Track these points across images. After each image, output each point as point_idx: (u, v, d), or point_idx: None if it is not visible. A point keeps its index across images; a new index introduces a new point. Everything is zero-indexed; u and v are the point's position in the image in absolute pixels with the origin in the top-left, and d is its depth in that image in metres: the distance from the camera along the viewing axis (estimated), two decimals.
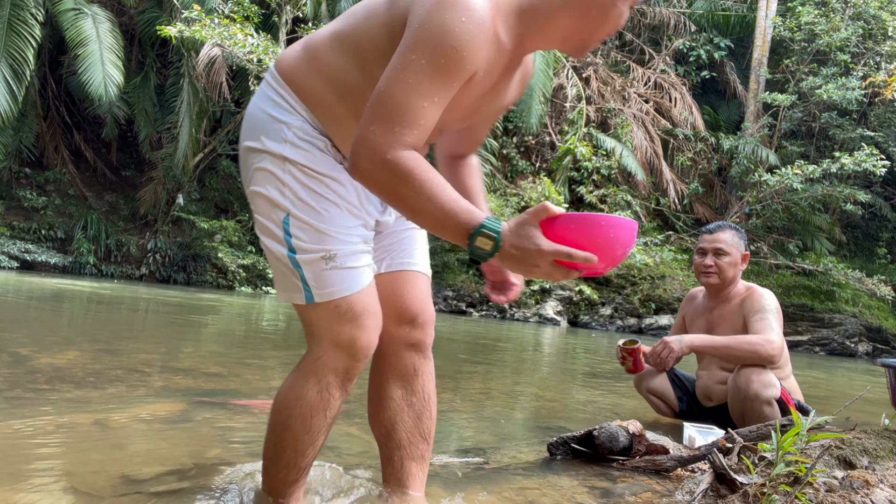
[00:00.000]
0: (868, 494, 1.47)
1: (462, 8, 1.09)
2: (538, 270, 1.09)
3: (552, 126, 16.53)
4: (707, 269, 2.81)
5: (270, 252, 1.29)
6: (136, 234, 14.31)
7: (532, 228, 1.08)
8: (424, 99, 1.09)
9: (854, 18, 15.03)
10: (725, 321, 2.82)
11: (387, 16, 1.19)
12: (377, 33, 1.20)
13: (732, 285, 2.83)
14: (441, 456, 1.89)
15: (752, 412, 2.50)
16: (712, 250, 2.81)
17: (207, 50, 11.77)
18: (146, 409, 2.27)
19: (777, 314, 2.65)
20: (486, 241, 1.09)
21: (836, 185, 13.41)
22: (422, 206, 1.09)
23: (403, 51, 1.10)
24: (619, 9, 1.23)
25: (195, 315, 7.34)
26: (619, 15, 1.24)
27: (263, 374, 3.47)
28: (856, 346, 12.92)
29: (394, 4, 1.19)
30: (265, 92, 1.31)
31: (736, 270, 2.80)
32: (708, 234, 2.86)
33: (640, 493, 1.61)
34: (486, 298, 13.52)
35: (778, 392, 2.52)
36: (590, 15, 1.22)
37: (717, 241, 2.81)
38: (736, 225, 2.92)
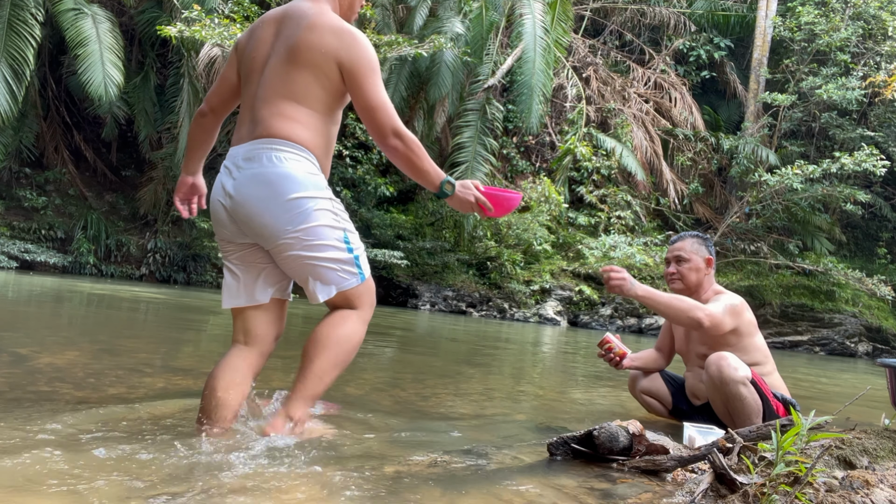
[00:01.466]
0: (868, 494, 1.47)
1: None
2: (468, 205, 2.03)
3: (552, 126, 16.53)
4: (671, 277, 2.94)
5: (331, 260, 1.86)
6: (136, 234, 14.31)
7: (471, 183, 2.03)
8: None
9: (854, 18, 15.03)
10: (698, 332, 2.87)
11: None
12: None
13: (701, 290, 2.90)
14: (441, 456, 1.89)
15: (730, 397, 2.53)
16: (674, 258, 2.94)
17: (207, 50, 11.77)
18: (146, 409, 2.27)
19: (730, 305, 2.72)
20: (449, 186, 1.99)
21: (836, 185, 13.41)
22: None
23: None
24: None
25: (195, 315, 7.34)
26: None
27: (263, 373, 3.46)
28: (856, 346, 12.92)
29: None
30: (289, 153, 1.82)
31: (699, 275, 2.89)
32: (671, 245, 3.00)
33: (640, 494, 1.61)
34: (487, 298, 13.52)
35: (749, 372, 2.56)
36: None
37: (677, 249, 2.93)
38: (699, 233, 3.02)
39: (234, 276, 1.95)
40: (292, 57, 1.83)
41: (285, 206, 1.78)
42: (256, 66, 1.91)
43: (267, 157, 1.80)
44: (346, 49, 1.83)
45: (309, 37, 1.83)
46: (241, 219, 1.83)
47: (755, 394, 2.53)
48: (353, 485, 1.56)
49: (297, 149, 1.82)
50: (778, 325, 13.01)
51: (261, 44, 1.93)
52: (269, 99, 1.84)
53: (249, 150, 1.83)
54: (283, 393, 2.08)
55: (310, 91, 1.84)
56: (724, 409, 2.61)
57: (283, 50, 1.85)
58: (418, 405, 2.83)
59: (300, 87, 1.83)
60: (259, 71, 1.90)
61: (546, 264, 13.90)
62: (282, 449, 1.82)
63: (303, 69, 1.82)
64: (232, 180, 1.84)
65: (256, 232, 1.84)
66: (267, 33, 1.93)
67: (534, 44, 13.70)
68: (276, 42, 1.89)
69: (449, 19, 14.44)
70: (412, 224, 14.26)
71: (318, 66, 1.83)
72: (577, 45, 17.32)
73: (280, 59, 1.85)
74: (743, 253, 14.30)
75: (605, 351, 3.05)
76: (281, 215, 1.79)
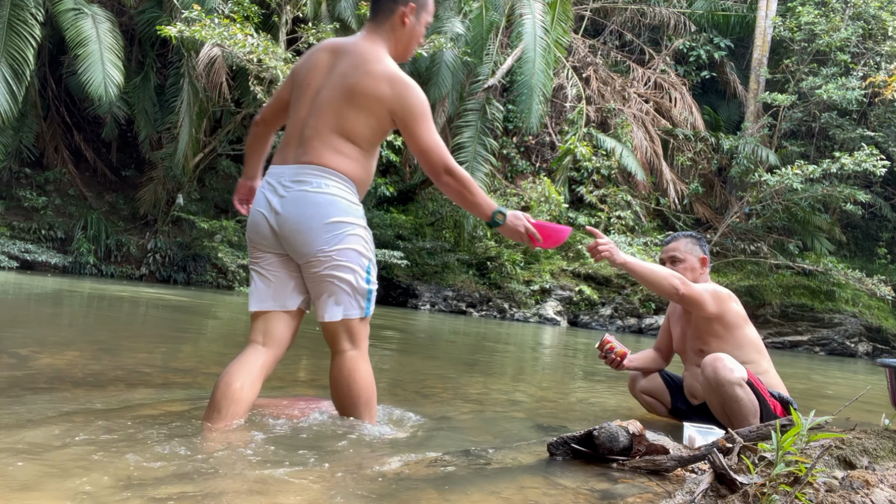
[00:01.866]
0: (868, 494, 1.47)
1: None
2: (518, 235, 2.19)
3: (552, 126, 16.53)
4: None
5: (350, 284, 2.02)
6: (136, 234, 14.31)
7: (522, 214, 2.20)
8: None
9: (854, 18, 15.03)
10: (692, 328, 2.91)
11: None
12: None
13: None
14: (441, 456, 1.89)
15: (727, 399, 2.53)
16: (668, 259, 2.96)
17: (207, 50, 11.77)
18: (147, 409, 2.27)
19: (714, 290, 2.77)
20: (501, 216, 2.15)
21: (836, 185, 13.41)
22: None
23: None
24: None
25: (195, 315, 7.34)
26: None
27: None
28: (856, 346, 12.92)
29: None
30: (334, 182, 2.00)
31: (695, 275, 2.90)
32: (665, 246, 3.02)
33: (640, 494, 1.61)
34: (487, 298, 13.52)
35: (745, 373, 2.55)
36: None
37: (671, 250, 2.96)
38: (693, 232, 3.03)
39: (266, 282, 2.09)
40: (349, 97, 1.98)
41: (326, 227, 1.97)
42: (308, 92, 2.06)
43: (315, 182, 1.98)
44: (398, 99, 1.99)
45: (366, 82, 1.98)
46: (284, 233, 2.00)
47: (752, 395, 2.53)
48: (353, 485, 1.56)
49: (343, 179, 2.00)
50: (778, 325, 13.01)
51: (315, 71, 2.08)
52: (322, 131, 2.00)
53: (298, 172, 2.00)
54: (327, 403, 2.30)
55: (359, 131, 2.01)
56: (721, 411, 2.61)
57: (340, 87, 2.00)
58: (418, 405, 2.83)
59: (351, 126, 2.00)
60: (311, 98, 2.05)
61: (546, 264, 13.90)
62: (282, 449, 1.82)
63: (357, 111, 1.99)
64: (279, 198, 2.00)
65: (294, 246, 2.00)
66: (322, 61, 2.08)
67: (534, 44, 13.70)
68: (331, 74, 2.04)
69: (449, 19, 14.44)
70: (412, 224, 14.26)
71: (371, 111, 1.99)
72: (577, 45, 17.31)
73: (336, 96, 2.00)
74: (743, 253, 14.30)
75: (605, 352, 3.05)
76: (321, 235, 1.96)
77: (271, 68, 11.25)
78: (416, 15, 2.12)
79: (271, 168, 2.09)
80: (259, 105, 12.05)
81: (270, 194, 2.02)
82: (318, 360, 4.10)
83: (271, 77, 11.57)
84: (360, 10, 12.79)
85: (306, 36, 12.28)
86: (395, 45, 2.12)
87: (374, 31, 2.10)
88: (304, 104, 2.05)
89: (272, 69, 11.26)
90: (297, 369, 3.77)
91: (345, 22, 13.72)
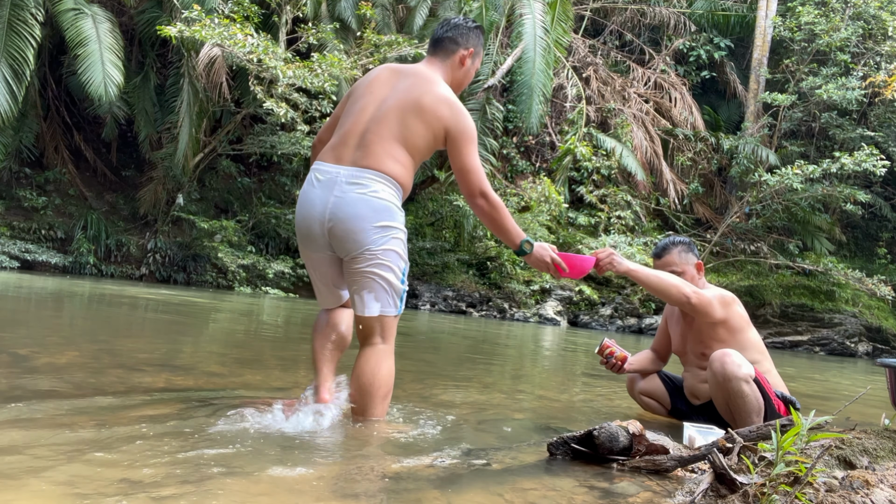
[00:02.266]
0: (868, 494, 1.47)
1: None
2: (544, 265, 2.41)
3: (552, 126, 16.53)
4: None
5: (389, 282, 2.15)
6: (136, 234, 14.31)
7: (548, 246, 2.42)
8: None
9: (854, 18, 15.03)
10: (692, 331, 2.90)
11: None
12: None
13: None
14: (441, 456, 1.89)
15: (732, 394, 2.53)
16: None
17: (207, 50, 11.77)
18: (146, 409, 2.27)
19: (721, 295, 2.76)
20: (528, 245, 2.37)
21: (836, 185, 13.41)
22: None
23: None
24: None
25: (195, 315, 7.34)
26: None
27: (264, 374, 3.47)
28: (856, 346, 12.92)
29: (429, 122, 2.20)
30: (388, 188, 2.13)
31: (694, 283, 2.88)
32: (657, 259, 2.96)
33: (639, 494, 1.61)
34: (487, 298, 13.53)
35: (752, 370, 2.56)
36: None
37: (667, 264, 2.91)
38: (680, 237, 3.00)
39: (326, 278, 2.30)
40: (415, 109, 2.16)
41: (377, 229, 2.10)
42: (372, 100, 2.21)
43: (372, 187, 2.10)
44: (454, 121, 2.19)
45: (430, 101, 2.18)
46: (336, 231, 2.10)
47: (757, 392, 2.54)
48: (354, 485, 1.56)
49: (395, 185, 2.15)
50: (778, 325, 13.01)
51: (378, 83, 2.25)
52: (385, 137, 2.14)
53: (356, 175, 2.11)
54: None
55: (416, 141, 2.17)
56: (725, 406, 2.61)
57: (406, 100, 2.17)
58: (418, 405, 2.83)
59: (411, 135, 2.16)
60: (375, 105, 2.20)
61: None
62: (282, 449, 1.82)
63: (419, 123, 2.15)
64: (334, 197, 2.10)
65: (343, 243, 2.11)
66: (384, 77, 2.27)
67: (534, 44, 13.70)
68: (396, 89, 2.21)
69: None
70: (412, 224, 14.27)
71: (430, 126, 2.17)
72: (577, 45, 17.31)
73: (402, 106, 2.16)
74: (743, 253, 14.30)
75: (605, 357, 3.03)
76: (370, 234, 2.09)
77: (271, 68, 11.25)
78: (472, 59, 2.39)
79: (322, 165, 2.17)
80: (259, 105, 12.05)
81: (325, 194, 2.11)
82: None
83: (271, 77, 11.57)
84: (359, 10, 12.79)
85: (306, 36, 12.27)
86: (451, 80, 2.34)
87: (434, 64, 2.34)
88: (367, 110, 2.19)
89: (272, 69, 11.26)
90: (297, 371, 3.77)
91: (345, 22, 13.72)
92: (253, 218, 14.12)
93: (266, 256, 13.92)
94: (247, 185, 14.86)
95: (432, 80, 2.23)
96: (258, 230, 14.26)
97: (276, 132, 13.16)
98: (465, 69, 2.38)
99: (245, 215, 14.22)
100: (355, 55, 12.65)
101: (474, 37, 2.38)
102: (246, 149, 13.80)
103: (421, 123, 2.15)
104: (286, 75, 11.30)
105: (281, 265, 13.38)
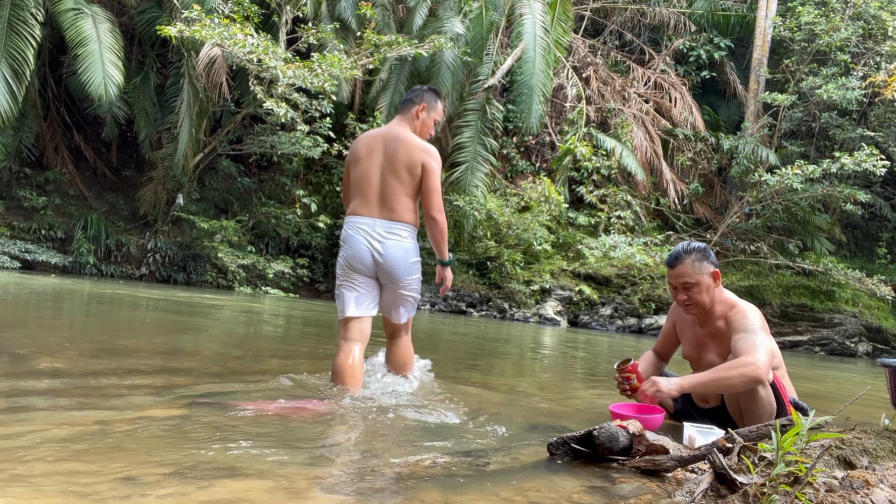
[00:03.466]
0: (868, 494, 1.47)
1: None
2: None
3: (552, 126, 16.52)
4: (685, 304, 2.79)
5: (414, 299, 3.12)
6: (136, 234, 14.30)
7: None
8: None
9: (854, 18, 15.02)
10: (713, 341, 2.80)
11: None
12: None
13: (714, 305, 2.79)
14: (441, 456, 1.89)
15: (749, 398, 2.51)
16: (680, 286, 2.77)
17: (207, 50, 11.76)
18: (146, 409, 2.27)
19: (761, 330, 2.62)
20: (450, 259, 3.23)
21: (836, 185, 13.40)
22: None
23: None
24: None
25: (195, 315, 7.34)
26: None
27: (264, 374, 3.47)
28: (856, 346, 12.92)
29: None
30: (410, 233, 3.04)
31: (711, 293, 2.76)
32: (670, 269, 2.81)
33: (640, 494, 1.61)
34: (487, 298, 13.53)
35: (770, 374, 2.53)
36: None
37: (679, 276, 2.75)
38: (694, 244, 2.82)
39: (358, 295, 3.04)
40: (406, 167, 2.98)
41: (408, 265, 3.04)
42: (375, 165, 3.03)
43: (402, 235, 3.00)
44: (427, 160, 2.99)
45: (412, 154, 2.98)
46: (384, 267, 2.99)
47: (772, 396, 2.52)
48: (355, 484, 1.56)
49: (412, 230, 3.06)
50: (778, 325, 13.00)
51: (374, 153, 3.05)
52: (399, 195, 2.98)
53: (390, 227, 2.98)
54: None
55: (414, 188, 3.01)
56: (736, 406, 2.59)
57: (398, 161, 2.98)
58: (418, 405, 2.82)
59: (409, 188, 3.00)
60: (381, 169, 3.02)
61: (546, 264, 13.89)
62: (282, 449, 1.82)
63: (409, 176, 2.98)
64: (380, 243, 2.97)
65: (389, 275, 3.01)
66: (377, 145, 3.06)
67: (534, 44, 13.70)
68: (387, 153, 3.02)
69: (449, 19, 14.43)
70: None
71: (416, 172, 2.98)
72: (577, 45, 17.31)
73: (397, 168, 2.98)
74: (743, 253, 14.30)
75: (622, 379, 2.79)
76: (405, 269, 3.03)
77: (271, 68, 11.25)
78: (426, 112, 3.16)
79: (360, 219, 3.01)
80: (259, 105, 12.05)
81: (371, 240, 2.97)
82: (319, 363, 4.11)
83: (271, 77, 11.57)
84: (359, 10, 12.78)
85: (306, 36, 12.27)
86: (413, 129, 3.13)
87: (403, 121, 3.13)
88: (373, 175, 3.02)
89: (272, 69, 11.26)
90: (298, 371, 3.77)
91: (345, 22, 13.72)
92: (253, 218, 14.12)
93: (266, 256, 13.92)
94: (247, 185, 14.86)
95: (407, 138, 3.02)
96: (258, 230, 14.26)
97: (276, 132, 13.16)
98: (421, 120, 3.15)
99: (245, 215, 14.22)
100: (355, 55, 12.64)
101: (428, 96, 3.18)
102: (246, 149, 13.80)
103: (410, 175, 2.98)
104: (286, 75, 11.29)
105: (281, 265, 13.38)
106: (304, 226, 14.04)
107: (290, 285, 13.56)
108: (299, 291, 13.69)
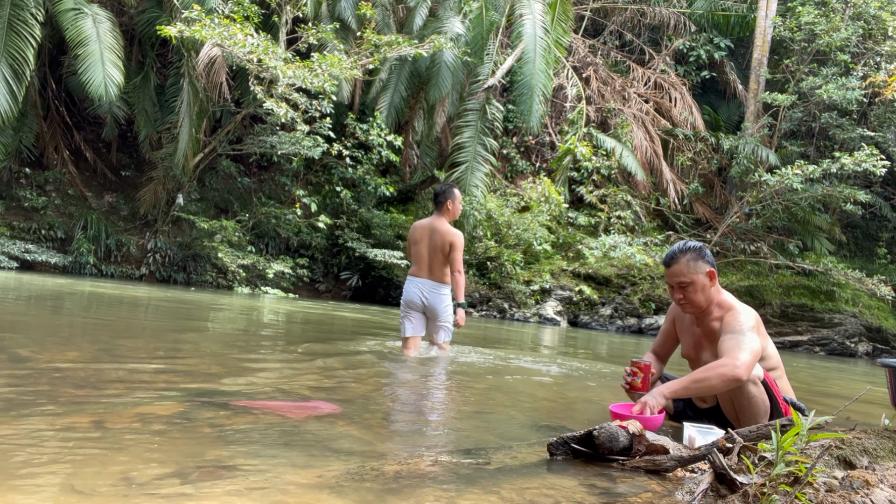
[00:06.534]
0: (868, 494, 1.47)
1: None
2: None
3: (552, 126, 16.53)
4: (681, 303, 2.80)
5: (448, 328, 4.87)
6: (136, 234, 14.30)
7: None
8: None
9: (854, 18, 15.02)
10: (709, 341, 2.80)
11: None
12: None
13: (710, 304, 2.79)
14: (441, 456, 1.89)
15: (740, 396, 2.51)
16: (676, 286, 2.77)
17: (207, 50, 11.75)
18: (146, 409, 2.27)
19: (751, 331, 2.60)
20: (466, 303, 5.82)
21: (836, 185, 13.40)
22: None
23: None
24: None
25: (195, 315, 7.34)
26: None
27: (264, 374, 3.47)
28: (856, 346, 12.92)
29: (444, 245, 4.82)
30: (448, 288, 4.83)
31: (707, 292, 2.75)
32: (667, 268, 2.80)
33: (640, 494, 1.61)
34: (487, 298, 13.54)
35: (761, 372, 2.53)
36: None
37: (675, 275, 2.75)
38: (691, 243, 2.80)
39: (413, 323, 4.80)
40: (442, 248, 4.67)
41: (443, 307, 4.75)
42: (424, 247, 4.75)
43: (442, 290, 4.76)
44: (454, 240, 4.65)
45: (445, 239, 4.66)
46: (429, 308, 4.75)
47: (764, 394, 2.52)
48: (353, 484, 1.56)
49: (448, 286, 4.77)
50: (778, 325, 13.00)
51: (424, 238, 4.76)
52: (440, 263, 4.71)
53: (434, 285, 4.74)
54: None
55: (446, 258, 4.67)
56: (731, 407, 2.59)
57: (438, 245, 4.68)
58: (418, 405, 2.82)
59: (444, 259, 4.68)
60: (428, 247, 4.73)
61: (546, 264, 13.90)
62: (282, 449, 1.82)
63: (442, 253, 4.68)
64: (429, 294, 4.73)
65: (433, 313, 4.75)
66: (426, 233, 4.75)
67: (534, 44, 13.69)
68: (433, 240, 4.71)
69: (449, 19, 14.42)
70: (412, 224, 14.25)
71: (446, 249, 4.65)
72: (577, 45, 17.31)
73: (437, 249, 4.69)
74: (743, 253, 14.30)
75: (629, 372, 2.78)
76: (444, 310, 4.75)
77: (271, 68, 11.25)
78: (453, 203, 4.79)
79: (417, 279, 4.78)
80: (259, 105, 12.05)
81: (422, 292, 4.74)
82: (318, 363, 4.10)
83: (271, 77, 11.57)
84: (359, 10, 12.78)
85: (306, 36, 12.27)
86: (449, 217, 4.78)
87: (441, 215, 4.77)
88: (424, 252, 4.74)
89: (272, 69, 11.26)
90: (298, 370, 3.77)
91: (345, 22, 13.72)
92: (253, 218, 14.12)
93: (266, 256, 13.92)
94: (247, 185, 14.86)
95: (443, 229, 4.70)
96: (258, 230, 14.25)
97: (276, 132, 13.16)
98: (452, 209, 4.78)
99: (245, 215, 14.21)
100: (355, 55, 12.63)
101: (450, 192, 4.79)
102: (246, 149, 13.80)
103: (443, 252, 4.68)
104: (286, 75, 11.29)
105: (281, 265, 13.38)
106: (304, 226, 14.04)
107: (290, 285, 13.55)
108: (299, 291, 13.69)
